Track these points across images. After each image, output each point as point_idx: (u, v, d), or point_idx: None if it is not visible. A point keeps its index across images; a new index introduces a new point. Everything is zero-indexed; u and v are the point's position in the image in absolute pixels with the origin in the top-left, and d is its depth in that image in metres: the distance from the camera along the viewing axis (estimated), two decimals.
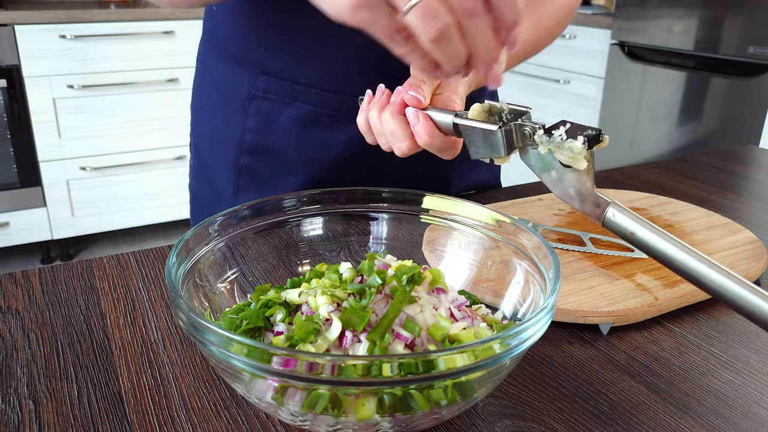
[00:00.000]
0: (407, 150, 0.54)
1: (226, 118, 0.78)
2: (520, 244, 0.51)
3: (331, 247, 0.58)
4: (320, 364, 0.34)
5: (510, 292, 0.51)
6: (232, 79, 0.55)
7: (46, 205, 2.51)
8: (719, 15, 2.10)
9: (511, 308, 0.51)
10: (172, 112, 2.62)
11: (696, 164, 1.03)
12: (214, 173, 0.82)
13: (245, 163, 0.78)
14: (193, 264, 0.48)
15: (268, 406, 0.40)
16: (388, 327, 0.42)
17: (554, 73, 2.73)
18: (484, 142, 0.49)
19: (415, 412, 0.38)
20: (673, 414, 0.46)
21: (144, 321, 0.56)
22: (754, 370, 0.51)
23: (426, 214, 0.57)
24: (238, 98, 0.69)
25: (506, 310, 0.51)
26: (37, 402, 0.46)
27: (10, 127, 2.36)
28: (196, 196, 0.88)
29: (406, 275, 0.45)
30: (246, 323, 0.45)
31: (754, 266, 0.63)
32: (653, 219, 0.75)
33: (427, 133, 0.52)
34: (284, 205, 0.56)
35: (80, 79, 2.42)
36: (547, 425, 0.44)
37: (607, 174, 0.97)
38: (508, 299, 0.51)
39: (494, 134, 0.48)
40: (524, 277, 0.50)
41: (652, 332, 0.56)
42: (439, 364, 0.34)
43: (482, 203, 0.55)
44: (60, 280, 0.63)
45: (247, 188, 0.79)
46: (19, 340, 0.53)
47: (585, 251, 0.65)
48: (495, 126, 0.48)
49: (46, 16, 2.31)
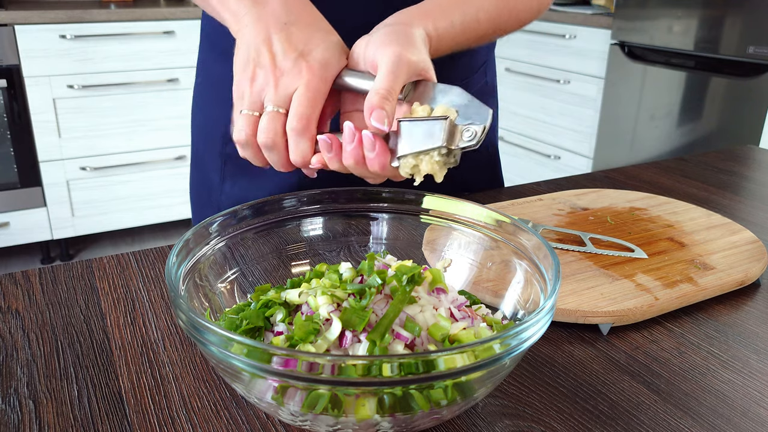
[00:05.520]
0: (381, 181, 0.52)
1: (218, 110, 0.80)
2: (520, 244, 0.51)
3: (331, 247, 0.58)
4: (320, 364, 0.34)
5: (510, 292, 0.51)
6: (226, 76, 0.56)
7: (46, 205, 2.51)
8: (719, 15, 2.10)
9: (511, 308, 0.51)
10: (172, 112, 2.62)
11: (696, 164, 1.03)
12: (206, 163, 0.85)
13: (231, 150, 0.80)
14: (193, 264, 0.48)
15: (268, 406, 0.40)
16: (388, 327, 0.42)
17: (554, 73, 2.73)
18: (423, 133, 0.47)
19: (415, 412, 0.38)
20: (673, 414, 0.46)
21: (144, 321, 0.56)
22: (754, 370, 0.51)
23: (426, 214, 0.57)
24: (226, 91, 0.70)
25: (506, 310, 0.51)
26: (37, 402, 0.46)
27: (10, 127, 2.36)
28: (193, 188, 0.91)
29: (406, 275, 0.45)
30: (246, 323, 0.45)
31: (754, 266, 0.63)
32: (653, 219, 0.75)
33: (380, 165, 0.49)
34: (284, 205, 0.56)
35: (80, 79, 2.42)
36: (547, 425, 0.44)
37: (607, 174, 0.97)
38: (508, 299, 0.51)
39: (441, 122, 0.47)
40: (524, 277, 0.50)
41: (652, 332, 0.56)
42: (439, 364, 0.34)
43: (482, 203, 0.55)
44: (60, 280, 0.63)
45: (234, 176, 0.81)
46: (19, 340, 0.53)
47: (585, 251, 0.65)
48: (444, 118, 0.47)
49: (46, 16, 2.31)
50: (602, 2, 2.75)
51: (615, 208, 0.78)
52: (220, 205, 0.83)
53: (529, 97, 2.90)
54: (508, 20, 0.65)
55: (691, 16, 2.18)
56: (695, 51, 2.19)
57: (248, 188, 0.81)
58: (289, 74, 0.50)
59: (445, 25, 0.57)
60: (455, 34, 0.58)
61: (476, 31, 0.61)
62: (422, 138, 0.47)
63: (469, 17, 0.59)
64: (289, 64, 0.50)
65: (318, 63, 0.50)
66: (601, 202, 0.80)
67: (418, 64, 0.50)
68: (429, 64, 0.51)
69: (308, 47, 0.51)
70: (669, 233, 0.71)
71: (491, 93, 0.89)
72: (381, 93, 0.48)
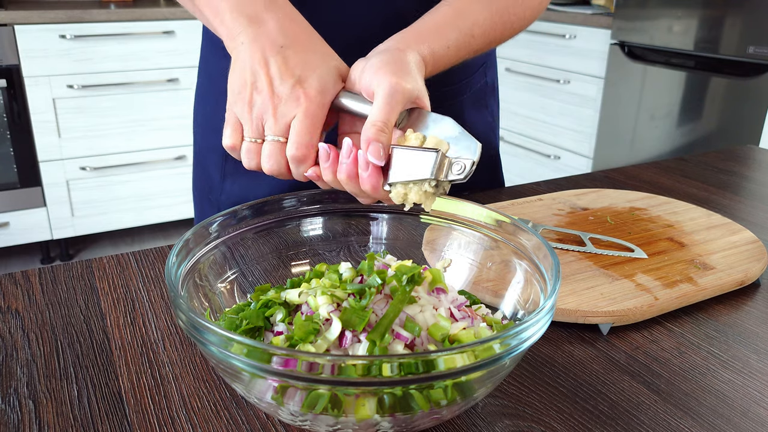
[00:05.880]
0: (372, 202, 0.52)
1: (217, 106, 0.80)
2: (520, 244, 0.51)
3: (331, 247, 0.58)
4: (320, 364, 0.34)
5: (510, 292, 0.51)
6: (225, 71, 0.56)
7: (46, 205, 2.51)
8: (719, 15, 2.10)
9: (511, 308, 0.51)
10: (172, 112, 2.62)
11: (696, 164, 1.03)
12: (207, 160, 0.85)
13: None
14: (193, 264, 0.48)
15: (268, 406, 0.40)
16: (388, 327, 0.42)
17: (554, 73, 2.73)
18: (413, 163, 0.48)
19: (415, 412, 0.38)
20: (673, 414, 0.46)
21: (144, 321, 0.56)
22: (754, 370, 0.51)
23: (426, 214, 0.57)
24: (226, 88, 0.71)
25: (506, 310, 0.51)
26: (37, 402, 0.46)
27: (10, 127, 2.36)
28: (195, 186, 0.91)
29: (406, 275, 0.45)
30: (246, 323, 0.45)
31: (754, 266, 0.63)
32: (653, 219, 0.75)
33: (372, 186, 0.49)
34: (284, 205, 0.56)
35: (80, 79, 2.42)
36: (547, 425, 0.44)
37: (607, 174, 0.97)
38: (508, 299, 0.51)
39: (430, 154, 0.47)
40: (524, 277, 0.50)
41: (652, 332, 0.56)
42: (439, 364, 0.34)
43: (482, 203, 0.55)
44: (60, 280, 0.63)
45: (234, 174, 0.81)
46: (19, 340, 0.53)
47: (585, 251, 0.65)
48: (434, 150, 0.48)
49: (46, 16, 2.30)
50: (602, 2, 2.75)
51: (615, 208, 0.78)
52: (221, 203, 0.83)
53: (529, 97, 2.90)
54: (503, 32, 0.65)
55: (691, 16, 2.18)
56: (695, 51, 2.19)
57: (249, 187, 0.81)
58: (287, 102, 0.50)
59: (440, 46, 0.57)
60: (450, 54, 0.59)
61: (471, 46, 0.61)
62: (413, 167, 0.48)
63: (464, 34, 0.60)
64: (287, 90, 0.50)
65: (315, 90, 0.51)
66: (601, 202, 0.80)
67: (412, 93, 0.50)
68: (424, 92, 0.52)
69: (305, 73, 0.51)
70: (669, 233, 0.71)
71: (491, 93, 0.89)
72: (377, 125, 0.48)
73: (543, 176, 2.87)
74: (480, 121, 0.87)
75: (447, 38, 0.58)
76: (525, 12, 0.67)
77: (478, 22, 0.61)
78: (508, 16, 0.64)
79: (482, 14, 0.61)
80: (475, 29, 0.61)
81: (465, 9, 0.61)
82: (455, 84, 0.81)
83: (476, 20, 0.61)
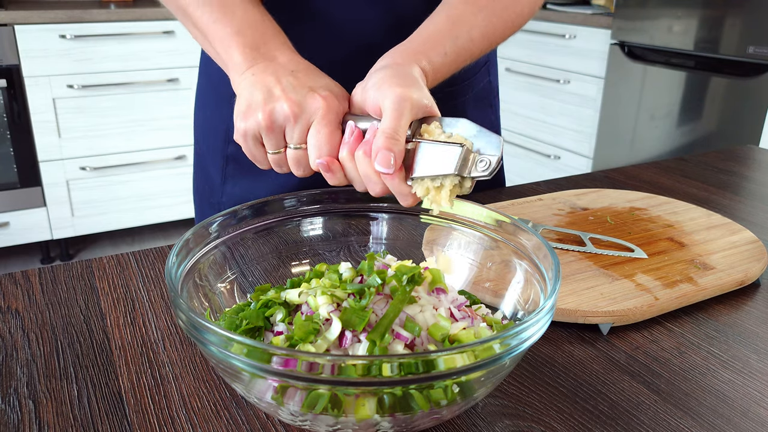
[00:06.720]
0: (381, 192, 0.51)
1: (218, 109, 0.80)
2: (520, 244, 0.51)
3: (331, 247, 0.58)
4: (320, 364, 0.34)
5: (510, 292, 0.51)
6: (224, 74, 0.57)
7: (46, 205, 2.51)
8: (719, 15, 2.10)
9: (511, 308, 0.51)
10: (172, 112, 2.62)
11: (696, 164, 1.03)
12: (208, 163, 0.85)
13: (232, 151, 0.80)
14: (193, 264, 0.48)
15: (268, 406, 0.40)
16: (388, 327, 0.42)
17: (554, 73, 2.73)
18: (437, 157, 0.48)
19: (415, 412, 0.38)
20: (673, 414, 0.46)
21: (144, 321, 0.56)
22: (754, 370, 0.51)
23: (426, 214, 0.57)
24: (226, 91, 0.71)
25: (506, 310, 0.51)
26: (37, 402, 0.46)
27: (10, 127, 2.36)
28: (196, 187, 0.92)
29: (406, 275, 0.45)
30: (246, 323, 0.45)
31: (754, 266, 0.63)
32: (653, 219, 0.75)
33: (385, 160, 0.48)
34: (284, 205, 0.56)
35: (80, 79, 2.42)
36: (547, 425, 0.44)
37: (607, 174, 0.97)
38: (508, 299, 0.51)
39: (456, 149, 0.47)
40: (524, 277, 0.50)
41: (652, 332, 0.56)
42: (439, 364, 0.34)
43: (482, 203, 0.55)
44: (60, 280, 0.63)
45: (234, 176, 0.82)
46: (19, 340, 0.53)
47: (585, 251, 0.65)
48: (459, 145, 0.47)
49: (46, 16, 2.30)
50: (602, 2, 2.75)
51: (615, 208, 0.78)
52: (222, 206, 0.83)
53: (529, 97, 2.90)
54: (504, 31, 0.65)
55: (691, 16, 2.18)
56: (695, 51, 2.19)
57: (249, 188, 0.81)
58: (305, 107, 0.51)
59: (438, 56, 0.57)
60: (449, 62, 0.59)
61: (471, 50, 0.61)
62: (437, 161, 0.47)
63: (461, 40, 0.59)
64: (304, 92, 0.52)
65: (329, 92, 0.52)
66: (601, 202, 0.80)
67: (421, 101, 0.50)
68: (431, 100, 0.52)
69: (316, 84, 0.53)
70: (669, 233, 0.71)
71: (494, 93, 0.89)
72: (387, 133, 0.48)
73: (543, 176, 2.87)
74: (483, 121, 0.87)
75: (444, 47, 0.58)
76: (523, 9, 0.67)
77: (476, 25, 0.61)
78: (507, 14, 0.64)
79: (479, 17, 0.61)
80: (474, 32, 0.61)
81: (461, 15, 0.60)
82: (458, 84, 0.81)
83: (474, 24, 0.61)
